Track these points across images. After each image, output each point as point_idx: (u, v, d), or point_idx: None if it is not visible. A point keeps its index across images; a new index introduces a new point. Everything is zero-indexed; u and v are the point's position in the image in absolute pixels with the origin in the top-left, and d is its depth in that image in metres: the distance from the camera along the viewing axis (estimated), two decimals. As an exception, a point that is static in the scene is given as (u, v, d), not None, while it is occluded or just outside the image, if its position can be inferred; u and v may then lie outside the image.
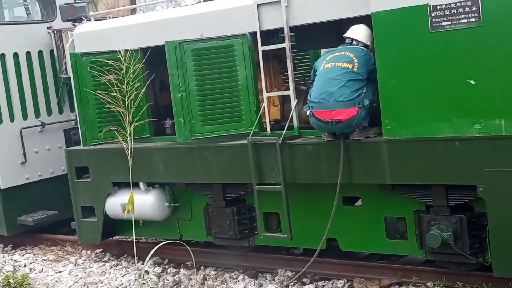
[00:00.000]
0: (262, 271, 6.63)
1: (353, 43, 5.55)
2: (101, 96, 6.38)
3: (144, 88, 6.66)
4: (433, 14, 4.93)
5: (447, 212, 5.34)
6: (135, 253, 5.93)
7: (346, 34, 5.61)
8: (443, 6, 4.89)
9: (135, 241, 7.88)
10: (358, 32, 5.55)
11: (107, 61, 6.58)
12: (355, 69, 5.37)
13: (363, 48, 5.51)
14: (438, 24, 4.93)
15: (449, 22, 4.89)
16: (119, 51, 6.14)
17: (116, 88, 5.95)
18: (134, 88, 6.04)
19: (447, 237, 5.25)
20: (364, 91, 5.39)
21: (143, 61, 6.66)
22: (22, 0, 8.99)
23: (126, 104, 5.86)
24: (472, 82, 4.86)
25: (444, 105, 5.02)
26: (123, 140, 5.88)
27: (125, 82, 5.90)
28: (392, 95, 5.21)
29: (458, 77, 4.92)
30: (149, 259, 4.91)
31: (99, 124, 6.87)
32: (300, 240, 6.17)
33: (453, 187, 5.28)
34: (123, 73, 5.99)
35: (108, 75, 6.24)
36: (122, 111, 5.81)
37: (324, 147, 5.65)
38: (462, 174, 5.03)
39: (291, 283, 6.12)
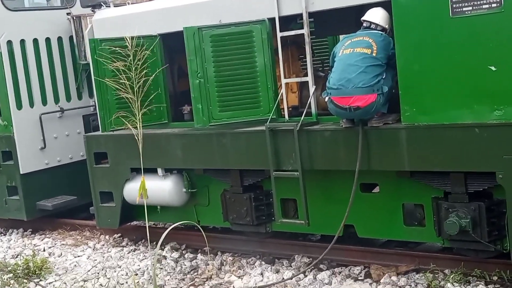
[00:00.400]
0: (279, 257, 6.65)
1: (371, 26, 5.51)
2: (110, 83, 6.38)
3: (155, 74, 6.62)
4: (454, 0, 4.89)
5: (466, 199, 5.31)
6: (148, 238, 5.97)
7: (364, 18, 5.57)
8: (464, -8, 4.84)
9: (153, 226, 7.96)
10: (377, 15, 5.51)
11: (115, 48, 6.54)
12: (374, 54, 5.33)
13: (381, 33, 5.47)
14: (459, 10, 4.88)
15: (470, 8, 4.84)
16: (126, 38, 6.14)
17: (124, 75, 5.95)
18: (143, 74, 6.03)
19: (466, 224, 5.22)
20: (383, 77, 5.36)
21: (161, 47, 6.65)
22: (42, -13, 9.03)
23: (135, 90, 5.86)
24: (493, 68, 4.82)
25: (464, 91, 4.99)
26: (133, 127, 5.89)
27: (133, 68, 5.89)
28: (411, 82, 5.19)
29: (479, 63, 4.88)
30: (161, 242, 4.93)
31: (117, 110, 6.88)
32: (317, 227, 6.17)
33: (472, 174, 5.25)
34: (131, 59, 5.98)
35: (117, 62, 6.23)
36: (130, 97, 5.81)
37: (342, 134, 5.64)
38: (481, 161, 5.00)
39: (308, 269, 6.13)
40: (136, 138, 5.83)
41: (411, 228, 5.80)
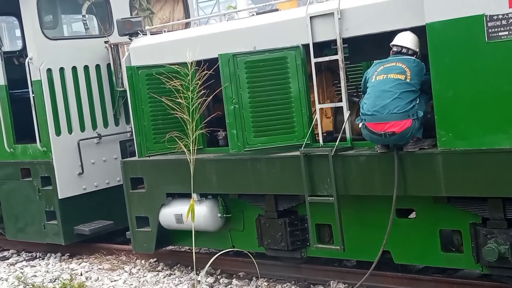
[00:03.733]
0: (314, 283, 6.61)
1: (403, 51, 5.52)
2: (166, 102, 6.48)
3: (207, 98, 6.72)
4: (489, 24, 4.86)
5: (505, 225, 5.23)
6: (194, 261, 5.99)
7: (394, 42, 5.57)
8: (500, 16, 4.82)
9: (188, 251, 7.98)
10: (407, 39, 5.52)
11: (162, 73, 6.69)
12: (407, 80, 5.34)
13: (414, 58, 5.48)
14: (495, 35, 4.86)
15: (506, 33, 4.81)
16: (187, 61, 6.30)
17: (182, 95, 6.07)
18: (199, 95, 6.14)
19: (505, 250, 5.14)
20: (417, 102, 5.35)
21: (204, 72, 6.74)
22: (81, 16, 9.24)
23: (191, 111, 5.97)
24: (530, 93, 4.77)
25: (501, 116, 4.94)
26: (185, 148, 5.99)
27: (191, 89, 6.01)
28: (447, 106, 5.15)
29: (516, 87, 4.83)
30: (205, 270, 4.94)
31: (154, 135, 7.00)
32: (352, 252, 6.13)
33: (511, 200, 5.16)
34: (189, 79, 6.11)
35: (172, 82, 6.35)
36: (186, 119, 5.93)
37: (377, 159, 5.62)
38: (520, 187, 4.92)
39: (344, 296, 6.08)
40: (188, 160, 5.91)
41: (449, 255, 5.72)
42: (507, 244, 5.15)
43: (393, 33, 5.69)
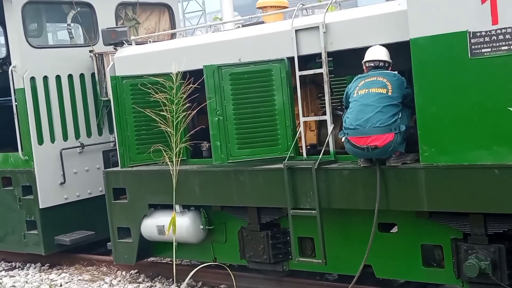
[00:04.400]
0: (295, 296, 6.58)
1: (380, 64, 5.55)
2: (150, 114, 6.47)
3: (191, 109, 6.72)
4: (472, 41, 4.91)
5: (486, 241, 5.25)
6: (174, 273, 5.96)
7: (369, 58, 5.58)
8: (483, 33, 4.86)
9: (170, 263, 7.92)
10: (381, 53, 5.57)
11: (147, 84, 6.69)
12: (389, 93, 5.37)
13: (395, 73, 5.52)
14: (478, 51, 4.90)
15: (489, 49, 4.85)
16: (172, 73, 6.29)
17: (166, 108, 6.07)
18: (184, 108, 6.14)
19: (485, 266, 5.15)
20: (399, 116, 5.38)
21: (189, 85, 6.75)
22: (66, 25, 9.20)
23: (174, 124, 5.98)
24: (512, 109, 4.81)
25: (484, 132, 4.97)
26: (169, 160, 5.97)
27: (175, 102, 6.02)
28: (430, 122, 5.18)
29: (498, 104, 4.86)
30: (186, 282, 4.90)
31: (137, 146, 6.97)
32: (334, 266, 6.13)
33: (492, 216, 5.19)
34: (173, 93, 6.11)
35: (157, 95, 6.35)
36: (170, 131, 5.93)
37: (360, 173, 5.63)
38: (501, 203, 4.94)
39: (325, 310, 6.06)
40: (171, 173, 5.88)
41: (430, 269, 5.73)
42: (488, 260, 5.16)
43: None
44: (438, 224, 5.53)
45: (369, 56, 5.60)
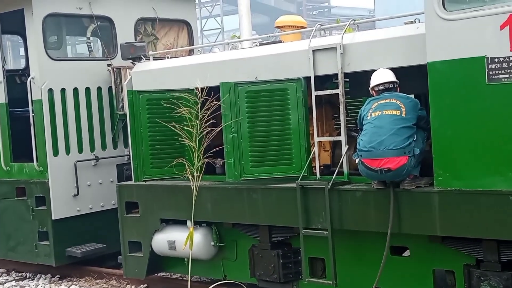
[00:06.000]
0: (304, 317, 6.53)
1: (389, 86, 5.55)
2: (174, 129, 6.50)
3: (211, 125, 6.73)
4: (490, 66, 4.90)
5: (499, 268, 5.19)
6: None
7: (379, 82, 5.57)
8: (501, 59, 4.85)
9: (179, 278, 7.91)
10: (389, 75, 5.58)
11: (163, 99, 6.73)
12: (403, 115, 5.36)
13: (407, 95, 5.51)
14: (496, 77, 4.88)
15: (507, 75, 4.84)
16: (196, 88, 6.34)
17: (189, 122, 6.11)
18: (208, 124, 6.17)
19: (498, 293, 5.10)
20: (414, 139, 5.36)
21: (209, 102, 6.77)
22: (85, 38, 9.31)
23: (197, 139, 6.01)
24: (529, 136, 4.78)
25: (499, 158, 4.94)
26: (191, 175, 6.01)
27: (200, 117, 6.07)
28: (445, 146, 5.16)
29: (514, 130, 4.84)
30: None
31: (151, 160, 6.99)
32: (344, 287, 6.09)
33: (505, 243, 5.13)
34: (198, 108, 6.15)
35: (180, 109, 6.40)
36: (193, 146, 5.96)
37: (373, 195, 5.61)
38: (515, 230, 4.90)
39: (334, 332, 6.00)
40: (192, 188, 5.88)
41: (442, 295, 5.68)
42: (500, 287, 5.10)
43: (394, 70, 5.72)
44: (451, 249, 5.49)
45: (377, 79, 5.60)
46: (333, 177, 5.82)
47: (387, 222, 5.43)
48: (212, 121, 6.32)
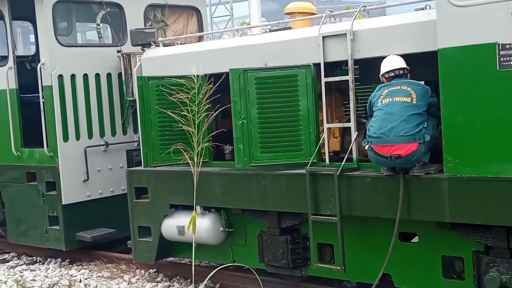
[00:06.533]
0: (313, 302, 6.58)
1: (400, 72, 5.53)
2: (171, 115, 6.53)
3: (214, 111, 6.78)
4: (501, 53, 4.87)
5: (507, 254, 5.20)
6: (193, 274, 5.97)
7: (390, 68, 5.55)
8: (512, 45, 4.83)
9: (188, 263, 7.96)
10: (400, 61, 5.56)
11: (171, 85, 6.75)
12: (414, 102, 5.35)
13: (419, 82, 5.50)
14: (507, 63, 4.86)
15: (518, 61, 4.82)
16: (193, 75, 6.34)
17: (188, 108, 6.12)
18: (205, 108, 6.19)
19: (506, 280, 5.11)
20: (425, 126, 5.36)
21: (210, 85, 6.79)
22: (95, 24, 9.32)
23: (196, 124, 6.02)
24: (539, 123, 4.76)
25: (509, 145, 4.92)
26: (190, 160, 6.03)
27: (196, 102, 6.07)
28: (455, 132, 5.15)
29: (525, 117, 4.83)
30: (205, 283, 4.93)
31: (161, 146, 7.02)
32: (353, 273, 6.11)
33: (515, 229, 5.15)
34: (195, 92, 6.17)
35: (179, 95, 6.41)
36: (192, 131, 5.97)
37: (383, 181, 5.62)
38: (524, 217, 4.90)
39: (342, 317, 6.04)
40: (193, 172, 5.91)
41: (450, 281, 5.69)
42: (509, 274, 5.12)
43: (404, 57, 5.71)
44: (460, 236, 5.50)
45: (388, 66, 5.58)
46: (343, 163, 5.83)
47: (396, 208, 5.44)
48: (217, 107, 6.34)
